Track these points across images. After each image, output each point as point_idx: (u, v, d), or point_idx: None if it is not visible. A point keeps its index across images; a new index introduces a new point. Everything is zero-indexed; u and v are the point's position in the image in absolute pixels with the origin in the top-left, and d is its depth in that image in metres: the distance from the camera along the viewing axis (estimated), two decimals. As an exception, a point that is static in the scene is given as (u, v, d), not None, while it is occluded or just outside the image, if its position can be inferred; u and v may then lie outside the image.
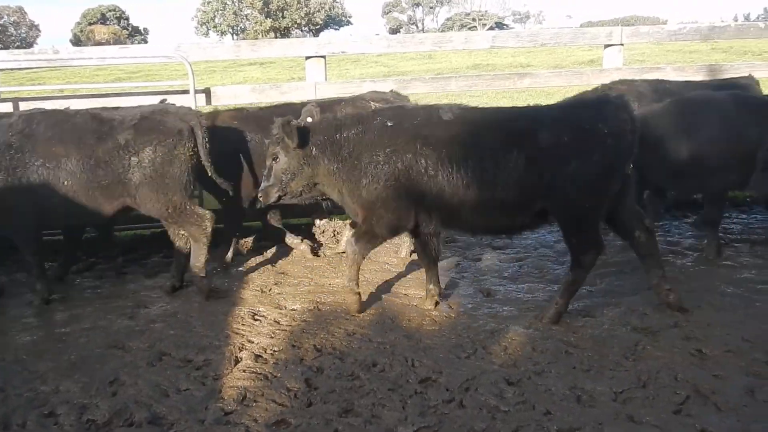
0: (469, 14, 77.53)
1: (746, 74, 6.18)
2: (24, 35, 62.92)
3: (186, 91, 6.23)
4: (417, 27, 78.76)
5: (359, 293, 4.80)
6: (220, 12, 57.83)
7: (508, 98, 12.29)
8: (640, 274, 5.36)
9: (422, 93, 6.95)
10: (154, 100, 6.29)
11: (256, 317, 4.85)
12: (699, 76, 6.99)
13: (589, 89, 6.08)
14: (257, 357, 4.20)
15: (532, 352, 4.14)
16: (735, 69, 6.97)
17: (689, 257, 5.74)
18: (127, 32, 57.06)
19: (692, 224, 6.48)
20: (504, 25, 75.38)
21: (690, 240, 6.16)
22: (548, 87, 6.17)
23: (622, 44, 6.85)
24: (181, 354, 4.28)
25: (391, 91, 5.87)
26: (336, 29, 66.50)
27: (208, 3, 58.00)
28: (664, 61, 20.15)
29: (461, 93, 6.44)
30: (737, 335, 4.22)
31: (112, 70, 24.48)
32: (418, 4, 79.53)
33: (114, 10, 59.96)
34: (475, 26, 68.59)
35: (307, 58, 6.53)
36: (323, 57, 6.53)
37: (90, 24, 56.66)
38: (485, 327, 4.52)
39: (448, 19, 79.45)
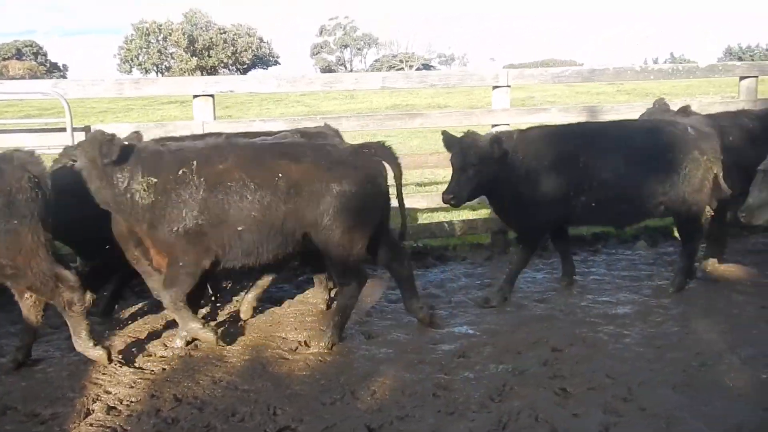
0: (396, 56, 79.05)
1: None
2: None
3: (63, 129, 5.98)
4: (345, 68, 79.60)
5: None
6: (144, 50, 56.96)
7: (397, 137, 12.44)
8: (519, 313, 5.42)
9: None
10: (30, 137, 6.05)
11: (120, 365, 4.58)
12: (582, 117, 7.23)
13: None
14: (111, 409, 3.94)
15: (400, 396, 4.05)
16: (615, 110, 7.27)
17: (575, 294, 5.84)
18: (44, 68, 55.34)
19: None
20: (431, 66, 77.03)
21: (578, 277, 6.25)
22: (438, 127, 6.22)
23: (509, 86, 7.03)
24: (29, 407, 3.98)
25: None
26: (264, 69, 66.48)
27: (132, 41, 57.07)
28: (574, 101, 21.14)
29: (354, 133, 6.42)
30: (602, 372, 4.26)
31: (23, 107, 23.52)
32: (346, 46, 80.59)
33: (30, 46, 58.14)
34: (402, 67, 69.82)
35: (195, 96, 6.40)
36: (211, 96, 6.40)
37: (4, 59, 54.73)
38: (358, 370, 4.41)
39: (376, 61, 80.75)
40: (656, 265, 6.64)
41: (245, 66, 61.42)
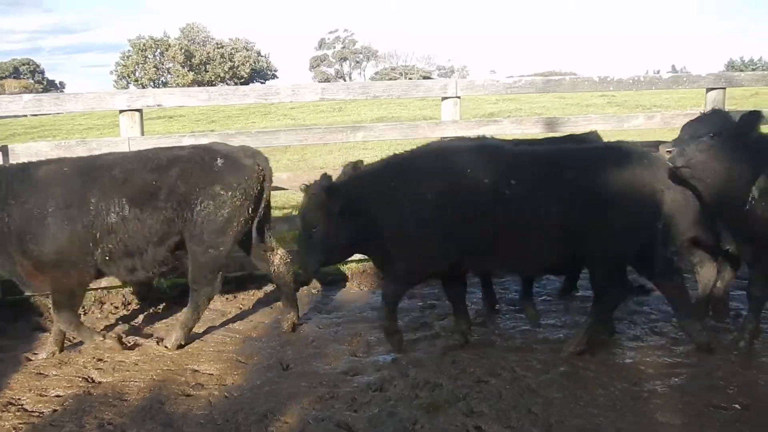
0: (395, 68, 79.14)
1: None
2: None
3: (-22, 149, 5.66)
4: (344, 81, 79.68)
5: None
6: (141, 65, 56.98)
7: (342, 152, 12.05)
8: (454, 338, 5.05)
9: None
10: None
11: (8, 408, 4.21)
12: (536, 129, 6.86)
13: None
14: (-24, 458, 3.60)
15: (297, 438, 3.69)
16: (572, 122, 6.87)
17: (519, 318, 5.46)
18: (41, 86, 55.42)
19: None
20: (431, 79, 77.02)
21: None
22: (382, 140, 5.89)
23: (458, 97, 6.66)
24: None
25: None
26: (262, 82, 66.52)
27: (128, 57, 57.13)
28: (562, 113, 20.78)
29: (291, 147, 6.09)
30: (524, 407, 3.88)
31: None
32: (345, 59, 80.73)
33: (28, 64, 58.37)
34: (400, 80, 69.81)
35: (121, 111, 6.08)
36: (139, 111, 6.08)
37: (1, 78, 54.86)
38: (261, 408, 4.04)
39: (376, 74, 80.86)
40: (615, 282, 6.25)
41: (243, 80, 61.44)
